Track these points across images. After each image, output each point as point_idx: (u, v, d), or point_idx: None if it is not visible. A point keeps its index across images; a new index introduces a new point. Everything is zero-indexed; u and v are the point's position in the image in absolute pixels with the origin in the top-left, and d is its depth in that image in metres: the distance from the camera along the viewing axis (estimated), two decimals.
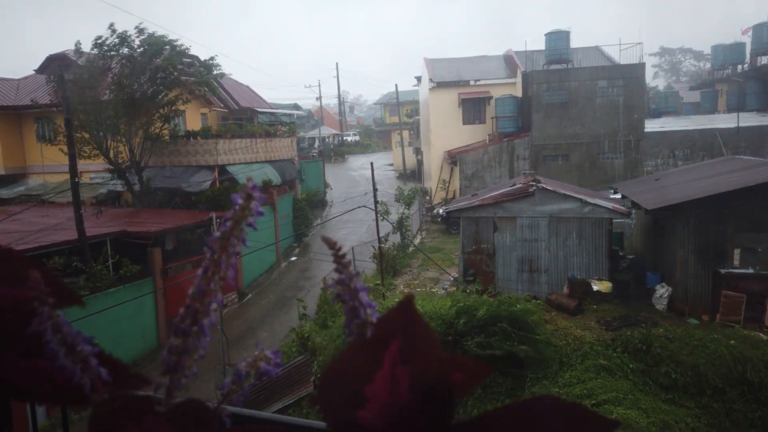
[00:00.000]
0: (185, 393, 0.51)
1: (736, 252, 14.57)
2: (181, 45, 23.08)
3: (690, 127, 30.46)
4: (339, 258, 0.51)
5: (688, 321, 14.14)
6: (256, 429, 0.53)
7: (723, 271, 14.43)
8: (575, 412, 0.42)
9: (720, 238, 14.68)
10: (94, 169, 24.62)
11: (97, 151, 21.98)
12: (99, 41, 21.89)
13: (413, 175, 44.57)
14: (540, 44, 31.74)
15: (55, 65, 24.81)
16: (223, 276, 0.49)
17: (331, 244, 0.52)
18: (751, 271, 14.27)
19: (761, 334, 12.88)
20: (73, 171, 16.98)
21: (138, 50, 22.23)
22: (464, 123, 33.30)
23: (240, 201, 0.49)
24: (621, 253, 18.62)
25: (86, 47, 22.24)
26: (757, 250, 14.42)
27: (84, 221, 16.32)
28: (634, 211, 17.59)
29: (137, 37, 22.18)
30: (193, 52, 24.46)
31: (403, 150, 46.35)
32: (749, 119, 30.65)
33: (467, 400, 10.97)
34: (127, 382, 0.49)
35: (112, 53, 22.06)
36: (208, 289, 0.48)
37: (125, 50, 22.18)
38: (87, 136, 21.61)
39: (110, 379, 0.46)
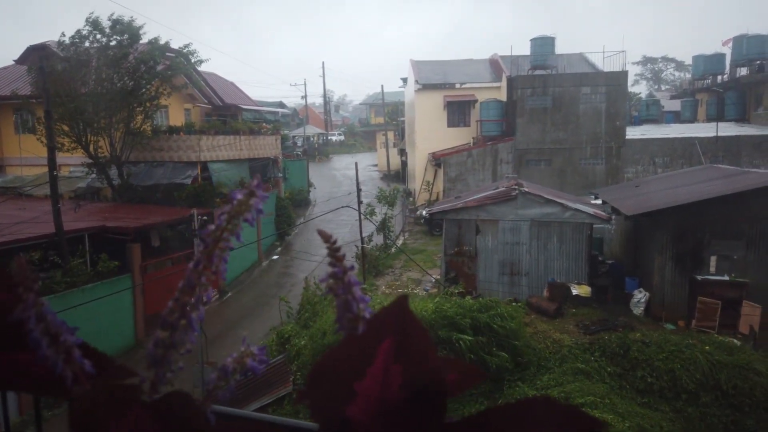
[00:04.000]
0: (169, 388, 0.50)
1: (713, 259, 14.83)
2: (161, 40, 22.79)
3: (670, 135, 30.93)
4: (333, 251, 0.51)
5: (665, 326, 14.35)
6: (243, 426, 0.52)
7: (699, 277, 14.68)
8: (569, 414, 0.42)
9: (697, 245, 14.94)
10: (73, 163, 24.21)
11: (77, 145, 21.62)
12: (79, 34, 21.56)
13: (397, 176, 44.62)
14: (525, 49, 32.01)
15: (35, 56, 24.36)
16: (215, 270, 0.48)
17: (326, 237, 0.51)
18: (726, 278, 14.54)
19: (735, 341, 13.12)
20: (52, 164, 16.69)
21: (112, 38, 21.83)
22: (449, 125, 33.41)
23: (239, 196, 0.48)
24: (600, 258, 18.84)
25: (66, 37, 21.85)
26: (732, 258, 14.69)
27: (62, 215, 16.05)
28: (614, 216, 17.81)
29: (109, 26, 21.75)
30: (175, 43, 24.23)
31: (387, 151, 46.37)
32: (728, 129, 31.23)
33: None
34: (111, 374, 0.48)
35: (87, 42, 21.67)
36: (198, 282, 0.47)
37: (101, 38, 21.73)
38: (66, 128, 21.25)
39: (94, 371, 0.45)
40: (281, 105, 55.69)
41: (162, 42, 22.91)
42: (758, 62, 34.68)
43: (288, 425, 0.61)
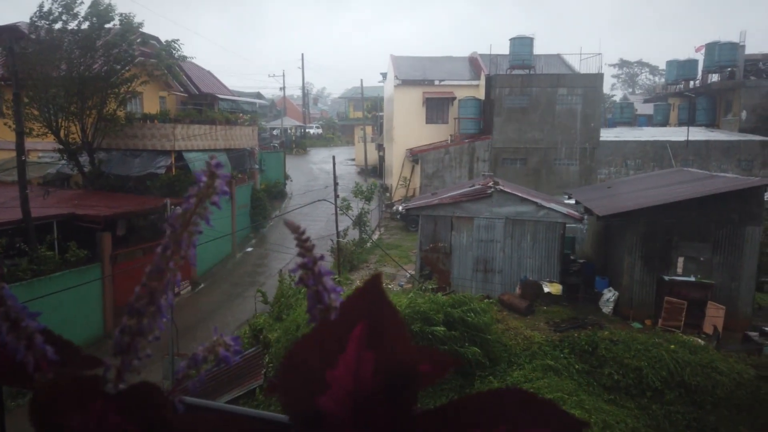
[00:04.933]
0: (136, 377, 0.49)
1: (680, 260, 15.20)
2: (133, 16, 22.19)
3: (642, 138, 31.56)
4: (303, 242, 0.50)
5: (632, 325, 14.66)
6: (212, 418, 0.50)
7: (667, 278, 15.03)
8: (546, 408, 0.42)
9: (665, 246, 15.28)
10: (42, 148, 23.59)
11: (47, 130, 21.05)
12: (42, 12, 20.85)
13: (375, 171, 44.58)
14: (504, 48, 32.24)
15: (4, 37, 23.60)
16: (184, 255, 0.47)
17: (294, 228, 0.50)
18: (692, 279, 14.92)
19: (699, 340, 13.47)
20: (20, 149, 16.24)
21: (84, 21, 21.24)
22: (427, 122, 33.50)
23: (204, 178, 0.46)
24: (572, 257, 19.14)
25: (36, 14, 21.16)
26: (699, 259, 15.08)
27: (30, 201, 15.64)
28: (586, 216, 18.09)
29: (79, 4, 21.15)
30: (155, 31, 23.72)
31: (365, 145, 46.28)
32: (698, 134, 32.01)
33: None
34: (75, 363, 0.46)
35: (57, 23, 21.04)
36: (166, 267, 0.46)
37: (72, 22, 21.13)
38: (36, 113, 20.67)
39: (57, 358, 0.43)
40: (259, 96, 55.06)
41: (134, 19, 22.31)
42: (729, 69, 35.55)
43: (258, 417, 0.60)
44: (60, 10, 20.89)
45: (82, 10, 21.17)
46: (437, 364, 0.45)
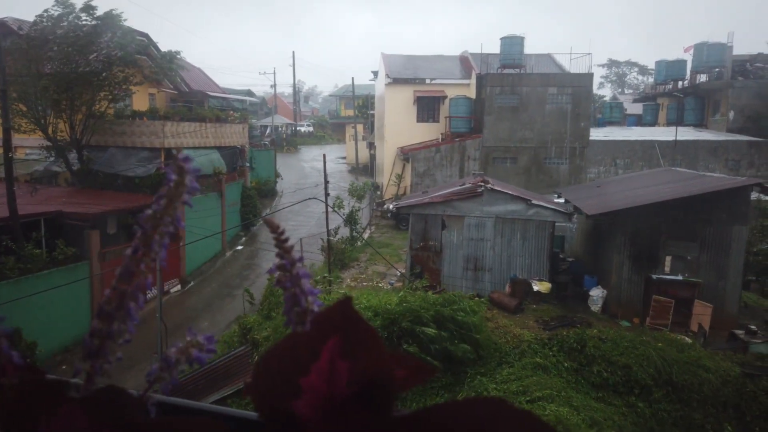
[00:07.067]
0: (110, 380, 0.48)
1: (668, 259, 15.33)
2: (120, 16, 22.01)
3: (631, 138, 31.76)
4: (281, 242, 0.49)
5: (621, 323, 14.77)
6: (182, 419, 0.50)
7: (654, 276, 15.15)
8: (523, 419, 0.41)
9: (653, 245, 15.41)
10: (29, 145, 23.33)
11: (35, 126, 20.82)
12: (44, 14, 20.69)
13: (365, 169, 44.54)
14: (495, 48, 32.31)
15: None
16: (155, 257, 0.46)
17: (273, 227, 0.50)
18: (680, 277, 15.05)
19: (686, 338, 13.60)
20: (7, 145, 16.06)
21: (89, 24, 21.07)
22: (418, 120, 33.50)
23: (174, 177, 0.46)
24: (561, 256, 19.24)
25: (27, 14, 21.06)
26: (686, 258, 15.22)
27: (17, 199, 15.47)
28: (576, 215, 18.19)
29: (83, 12, 21.00)
30: (143, 26, 23.56)
31: (356, 144, 46.22)
32: (686, 133, 32.26)
33: (405, 395, 11.08)
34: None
35: (57, 25, 20.84)
36: (137, 270, 0.45)
37: (75, 23, 20.94)
38: (24, 108, 20.43)
39: (22, 362, 0.43)
40: (249, 93, 54.78)
41: (125, 22, 22.11)
42: (717, 70, 35.85)
43: (234, 416, 0.60)
44: (60, 11, 20.76)
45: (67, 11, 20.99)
46: (414, 371, 0.45)
